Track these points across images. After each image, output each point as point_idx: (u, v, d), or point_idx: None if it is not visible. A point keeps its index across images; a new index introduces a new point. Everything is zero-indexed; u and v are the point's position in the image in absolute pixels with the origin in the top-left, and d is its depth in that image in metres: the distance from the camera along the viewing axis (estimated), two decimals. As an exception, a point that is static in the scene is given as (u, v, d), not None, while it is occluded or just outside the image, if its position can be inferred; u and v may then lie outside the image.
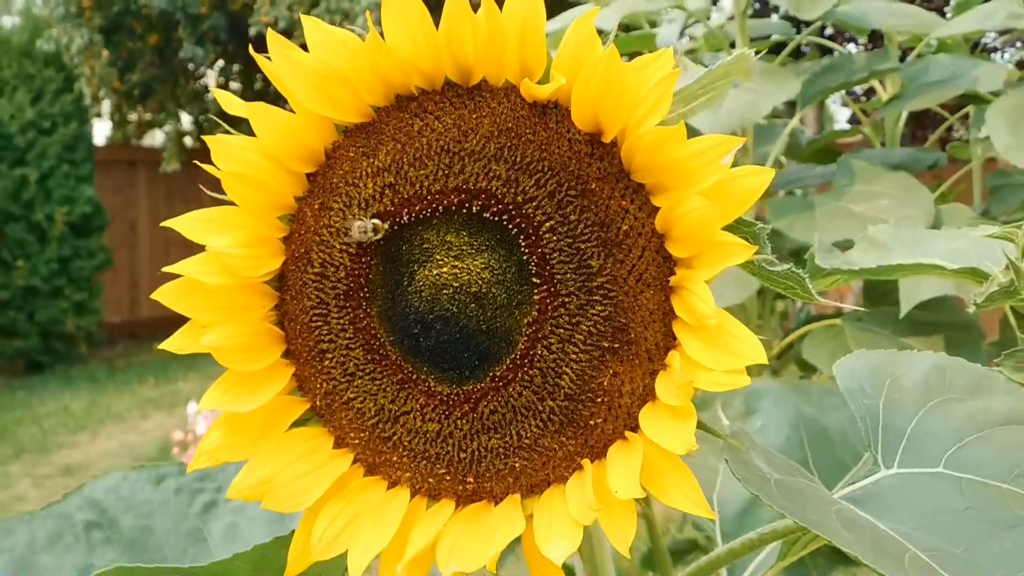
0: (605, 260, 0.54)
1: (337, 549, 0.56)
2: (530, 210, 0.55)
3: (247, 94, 12.26)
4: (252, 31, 9.62)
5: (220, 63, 12.16)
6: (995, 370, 0.81)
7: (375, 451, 0.60)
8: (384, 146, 0.58)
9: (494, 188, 0.55)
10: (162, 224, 0.59)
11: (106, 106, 11.74)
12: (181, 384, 8.34)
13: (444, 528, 0.56)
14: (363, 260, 0.58)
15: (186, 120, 12.49)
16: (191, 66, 11.73)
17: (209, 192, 0.60)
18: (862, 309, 2.01)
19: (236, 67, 12.29)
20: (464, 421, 0.57)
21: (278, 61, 0.57)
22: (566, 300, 0.55)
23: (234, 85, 12.61)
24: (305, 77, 0.56)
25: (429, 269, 0.56)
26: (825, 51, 3.13)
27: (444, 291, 0.56)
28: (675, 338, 0.55)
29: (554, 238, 0.54)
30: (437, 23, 0.55)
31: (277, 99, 0.62)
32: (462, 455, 0.58)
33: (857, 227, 1.86)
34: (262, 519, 0.94)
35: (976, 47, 2.76)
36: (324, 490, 0.58)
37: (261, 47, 0.57)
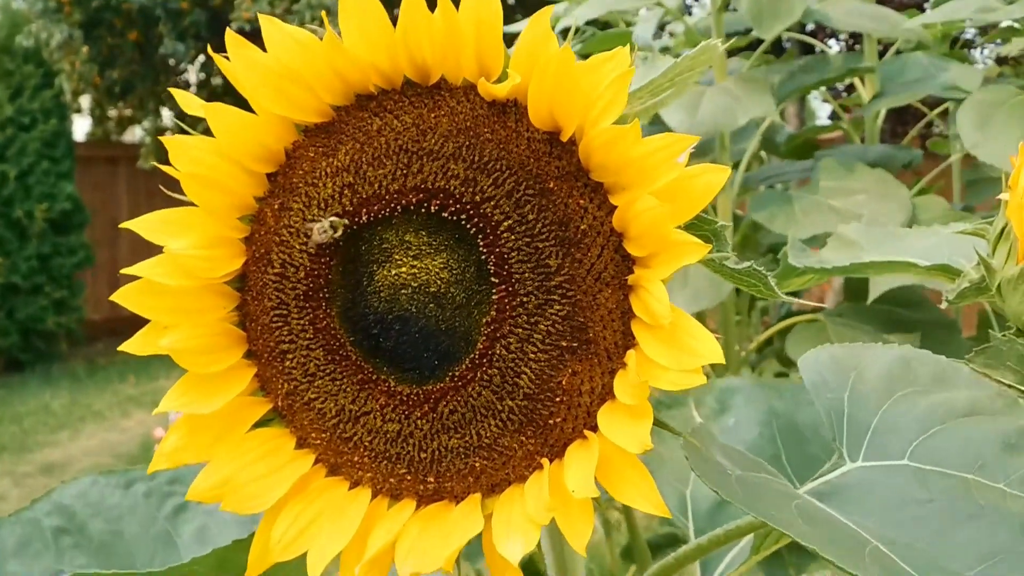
0: (563, 259, 0.54)
1: (297, 550, 0.56)
2: (488, 209, 0.55)
3: (229, 90, 12.19)
4: (233, 27, 9.54)
5: (201, 59, 12.10)
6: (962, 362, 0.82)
7: (336, 451, 0.60)
8: (344, 146, 0.58)
9: (452, 187, 0.55)
10: (121, 226, 0.59)
11: (86, 102, 11.67)
12: (163, 382, 8.31)
13: (404, 528, 0.56)
14: (323, 260, 0.58)
15: (167, 116, 12.42)
16: (172, 62, 11.66)
17: (169, 192, 0.60)
18: (828, 306, 2.02)
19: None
20: (424, 421, 0.57)
21: (236, 61, 0.56)
22: (524, 299, 0.54)
23: (216, 81, 12.55)
24: (263, 77, 0.56)
25: (388, 269, 0.56)
26: (806, 46, 3.14)
27: (403, 291, 0.56)
28: (634, 337, 0.55)
29: (512, 237, 0.54)
30: (395, 22, 0.55)
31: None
32: (422, 455, 0.58)
33: (835, 221, 1.88)
34: (233, 521, 0.94)
35: (955, 43, 2.77)
36: (285, 491, 0.58)
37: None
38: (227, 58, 0.57)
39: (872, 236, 1.24)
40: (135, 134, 12.87)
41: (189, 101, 0.58)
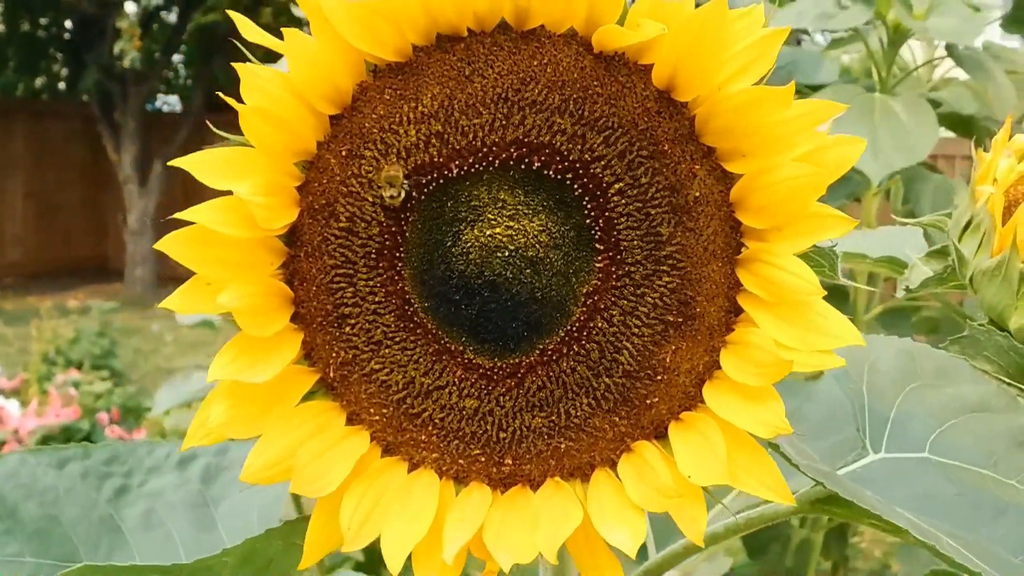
0: (675, 228, 0.50)
1: (367, 537, 0.50)
2: (598, 170, 0.50)
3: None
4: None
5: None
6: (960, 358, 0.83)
7: (398, 429, 0.54)
8: (429, 90, 0.51)
9: (558, 143, 0.50)
10: (171, 163, 0.51)
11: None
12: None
13: (488, 515, 0.51)
14: (401, 216, 0.52)
15: None
16: None
17: (221, 133, 0.53)
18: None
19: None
20: (507, 398, 0.52)
21: (317, -16, 0.49)
22: (631, 269, 0.50)
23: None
24: (347, 6, 0.49)
25: (480, 229, 0.51)
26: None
27: (497, 254, 0.50)
28: (737, 314, 0.52)
29: (623, 201, 0.50)
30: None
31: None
32: (501, 435, 0.53)
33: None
34: (182, 505, 0.86)
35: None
36: (347, 472, 0.51)
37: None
38: (299, -19, 0.50)
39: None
40: None
41: (248, 27, 0.51)
